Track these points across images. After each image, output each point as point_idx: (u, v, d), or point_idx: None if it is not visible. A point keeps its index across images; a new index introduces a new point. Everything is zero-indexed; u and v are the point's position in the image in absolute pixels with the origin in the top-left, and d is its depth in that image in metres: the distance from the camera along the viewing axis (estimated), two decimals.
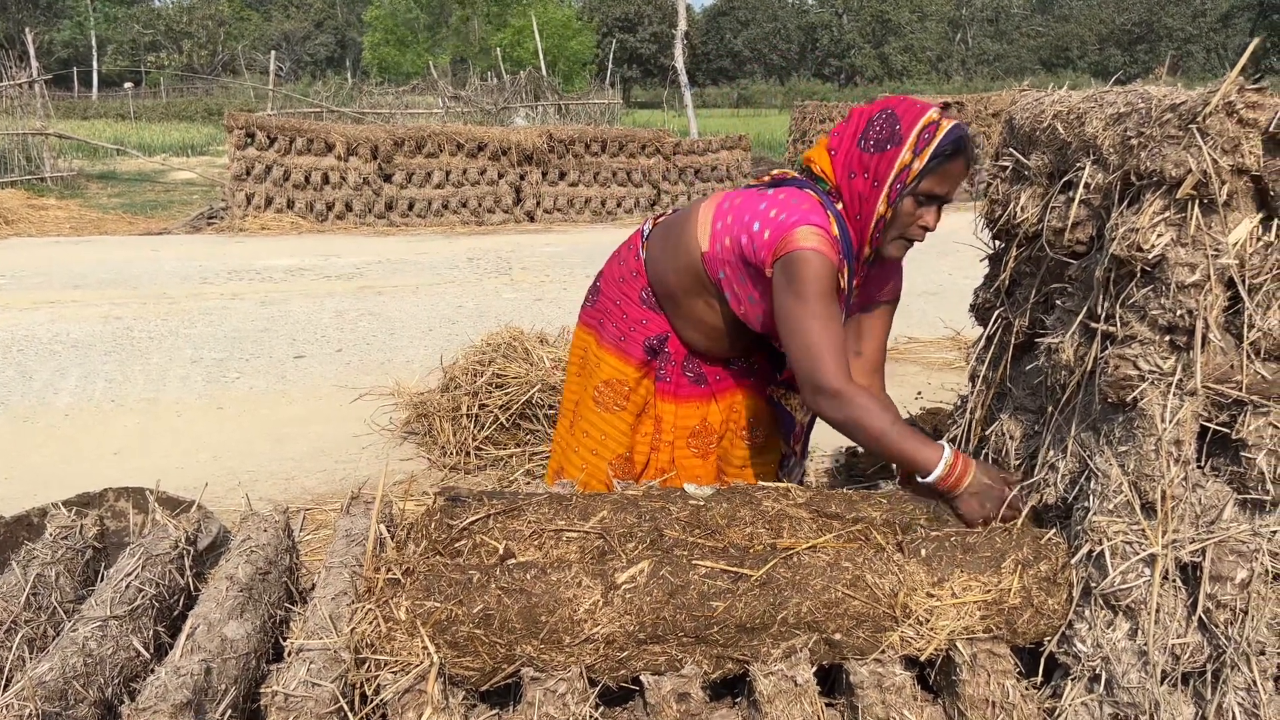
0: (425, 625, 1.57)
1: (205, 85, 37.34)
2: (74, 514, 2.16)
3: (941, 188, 2.02)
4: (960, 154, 1.99)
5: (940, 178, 2.01)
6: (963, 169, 2.01)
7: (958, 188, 2.03)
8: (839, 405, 1.92)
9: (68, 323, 6.15)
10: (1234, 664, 1.56)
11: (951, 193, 2.04)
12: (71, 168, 15.32)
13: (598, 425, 2.38)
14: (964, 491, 1.84)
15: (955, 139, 1.98)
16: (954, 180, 2.02)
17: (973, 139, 2.02)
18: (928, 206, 2.05)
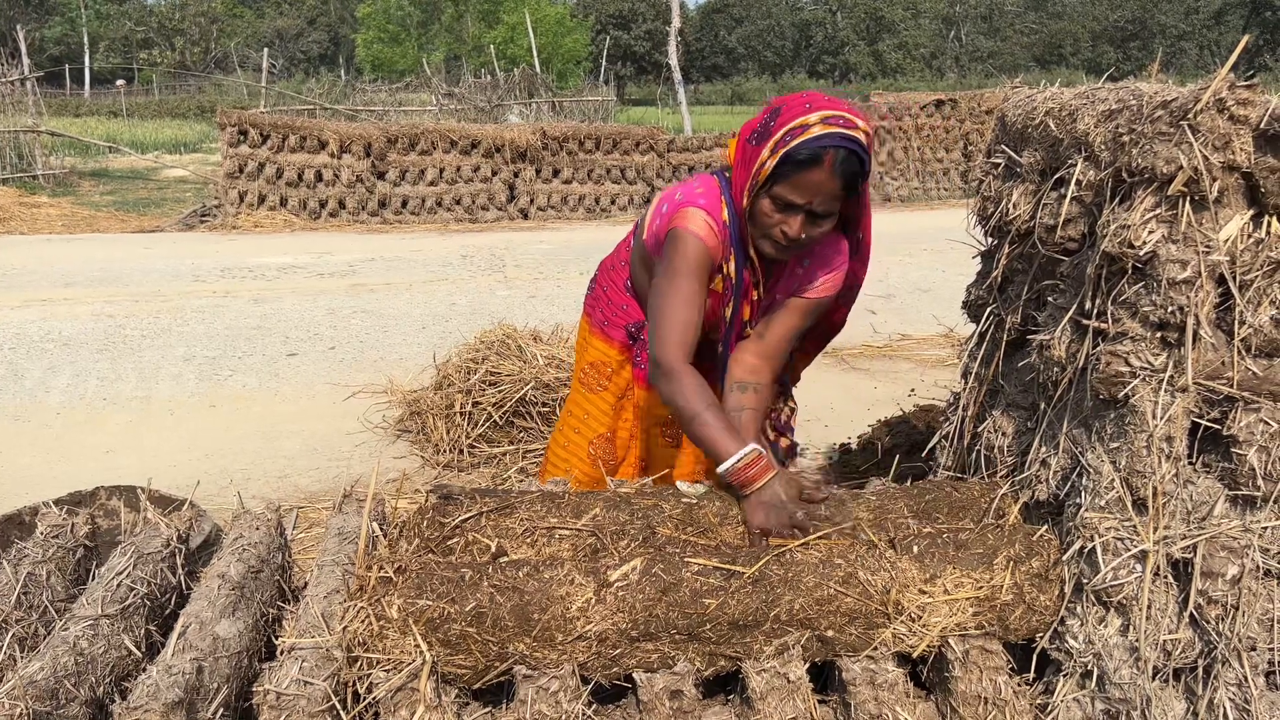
0: (417, 623, 1.56)
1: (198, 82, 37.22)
2: (65, 512, 2.15)
3: (797, 196, 1.86)
4: (816, 164, 1.82)
5: (793, 185, 1.85)
6: (824, 181, 1.83)
7: (827, 202, 1.87)
8: (664, 381, 1.94)
9: (59, 321, 6.12)
10: (1225, 660, 1.57)
11: (815, 204, 1.87)
12: (64, 165, 15.26)
13: (581, 404, 2.45)
14: (752, 495, 1.80)
15: (814, 148, 1.81)
16: (811, 191, 1.85)
17: (857, 154, 1.83)
18: (788, 213, 1.90)
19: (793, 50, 60.73)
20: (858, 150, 1.84)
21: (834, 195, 1.87)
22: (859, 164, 1.85)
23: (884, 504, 1.87)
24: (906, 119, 14.19)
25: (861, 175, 1.88)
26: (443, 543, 1.76)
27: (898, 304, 6.83)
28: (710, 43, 60.31)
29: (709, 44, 60.28)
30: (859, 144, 1.84)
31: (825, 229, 1.94)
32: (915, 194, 14.22)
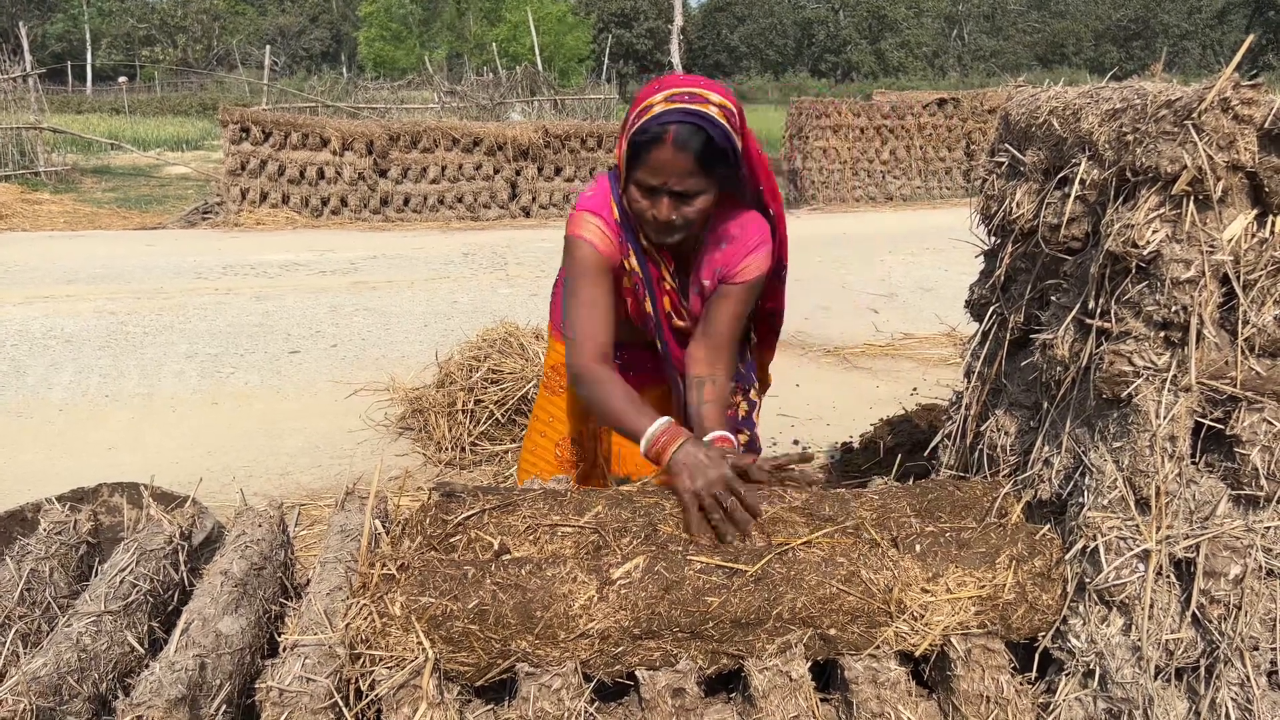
0: (420, 620, 1.56)
1: (200, 80, 37.22)
2: (68, 509, 2.15)
3: (651, 177, 1.85)
4: (659, 143, 1.80)
5: (646, 168, 1.84)
6: (669, 159, 1.81)
7: (681, 179, 1.83)
8: (580, 386, 1.99)
9: (62, 318, 6.13)
10: (1227, 659, 1.57)
11: (670, 182, 1.84)
12: (66, 162, 15.27)
13: (545, 408, 2.45)
14: (671, 461, 1.80)
15: (655, 126, 1.80)
16: (661, 170, 1.82)
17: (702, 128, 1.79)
18: (652, 197, 1.89)
19: (795, 49, 60.69)
20: (702, 124, 1.80)
21: (686, 171, 1.82)
22: (706, 138, 1.80)
23: (886, 503, 1.87)
24: (909, 118, 14.18)
25: (716, 149, 1.82)
26: (445, 540, 1.76)
27: (900, 303, 6.83)
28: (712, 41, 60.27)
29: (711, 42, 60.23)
30: (703, 117, 1.80)
31: (699, 207, 1.89)
32: (917, 193, 14.22)
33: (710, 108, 1.82)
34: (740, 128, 1.92)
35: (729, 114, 1.85)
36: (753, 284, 2.07)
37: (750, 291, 2.09)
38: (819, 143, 13.84)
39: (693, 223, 1.93)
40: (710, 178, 1.86)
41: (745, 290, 2.07)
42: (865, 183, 14.05)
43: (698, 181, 1.85)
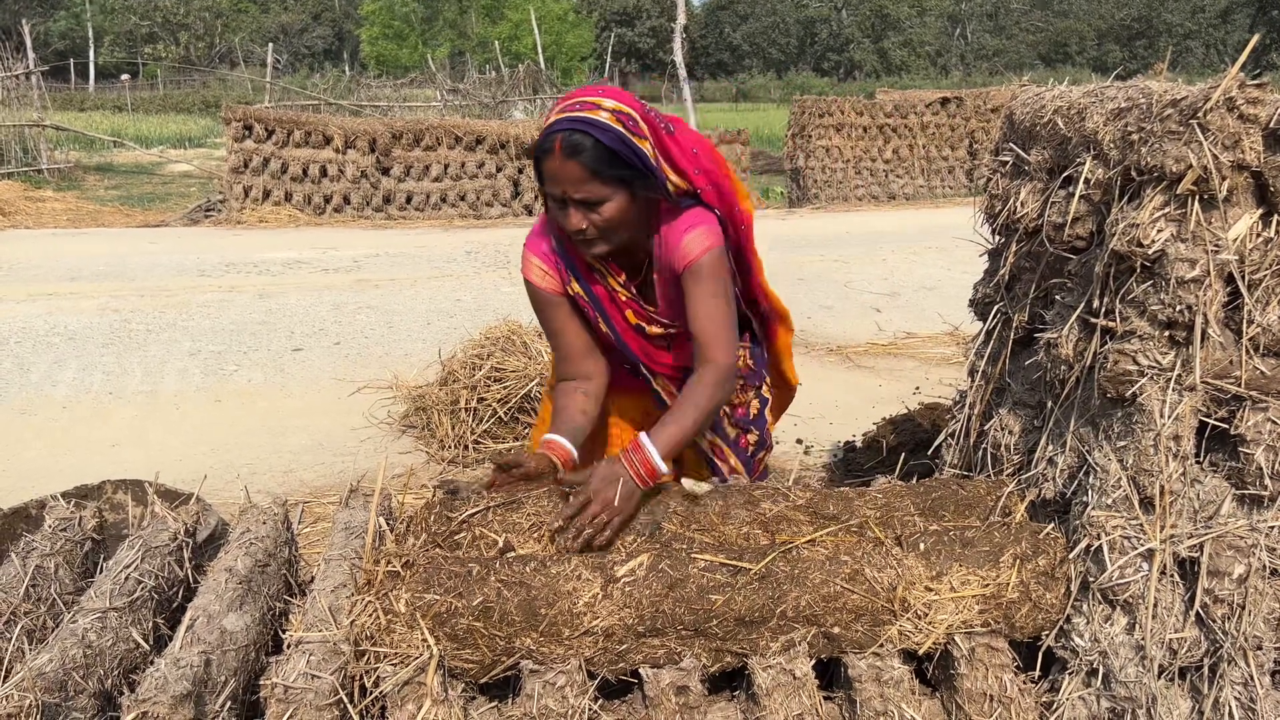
0: (425, 617, 1.57)
1: (203, 77, 37.21)
2: (72, 506, 2.15)
3: (553, 188, 1.87)
4: (549, 153, 1.83)
5: (547, 180, 1.88)
6: (559, 167, 1.83)
7: (577, 186, 1.83)
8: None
9: (65, 315, 6.14)
10: (1231, 659, 1.57)
11: (567, 191, 1.85)
12: (68, 160, 15.29)
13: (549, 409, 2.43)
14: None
15: (544, 138, 1.84)
16: (559, 180, 1.84)
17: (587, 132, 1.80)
18: (561, 210, 1.91)
19: (797, 47, 60.64)
20: (588, 129, 1.80)
21: (578, 178, 1.82)
22: (594, 142, 1.80)
23: (890, 501, 1.87)
24: (912, 116, 14.18)
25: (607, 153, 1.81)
26: (450, 537, 1.76)
27: (903, 302, 6.83)
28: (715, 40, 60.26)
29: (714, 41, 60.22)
30: (589, 122, 1.80)
31: (608, 214, 1.87)
32: (920, 192, 14.21)
33: (601, 113, 1.83)
34: (650, 130, 1.89)
35: (624, 117, 1.85)
36: (702, 262, 1.97)
37: (704, 270, 1.98)
38: (821, 141, 13.83)
39: (610, 231, 1.91)
40: (610, 182, 1.84)
41: (697, 271, 1.98)
42: (868, 181, 14.04)
43: (596, 187, 1.84)
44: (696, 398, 1.92)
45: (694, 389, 1.94)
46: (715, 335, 1.97)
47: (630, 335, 2.13)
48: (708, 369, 1.95)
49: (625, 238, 1.96)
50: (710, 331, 1.97)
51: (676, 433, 1.86)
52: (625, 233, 1.95)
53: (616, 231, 1.92)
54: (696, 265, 1.98)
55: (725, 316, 2.00)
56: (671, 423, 1.88)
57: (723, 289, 2.01)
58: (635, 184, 1.88)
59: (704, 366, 1.96)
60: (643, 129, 1.87)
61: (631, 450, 1.82)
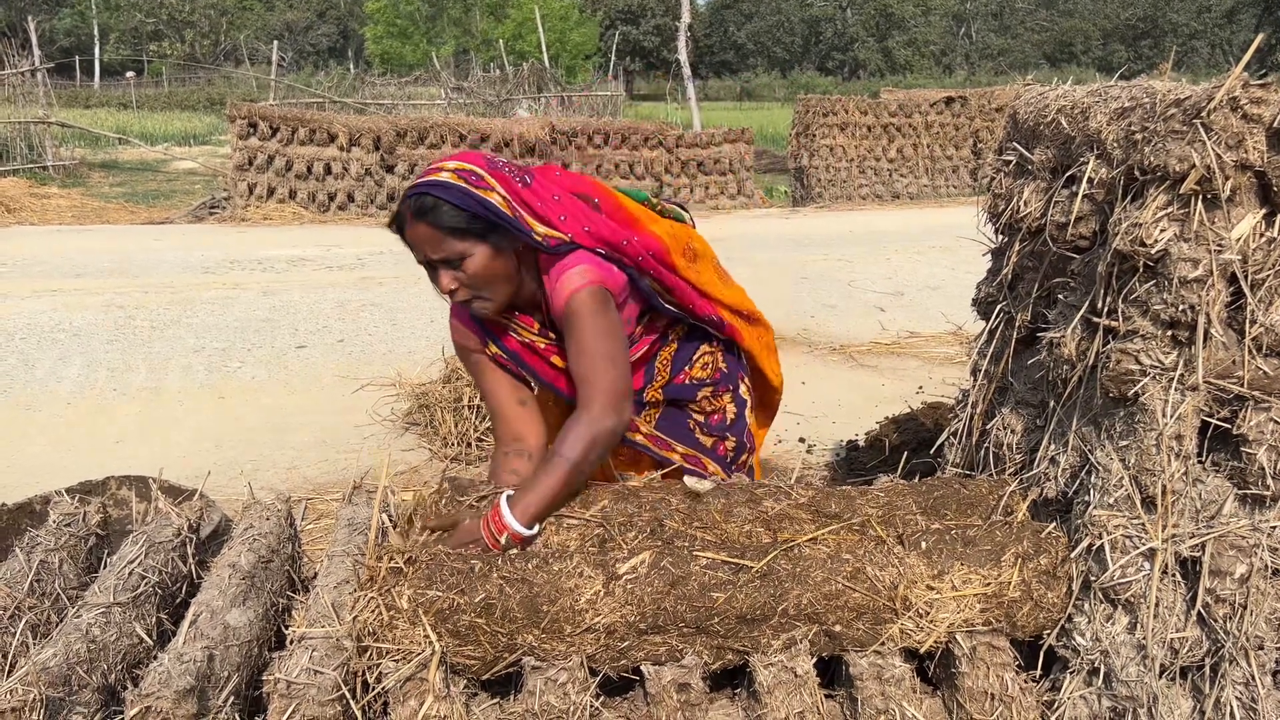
0: (427, 614, 1.57)
1: (207, 75, 37.24)
2: (77, 502, 2.16)
3: (417, 254, 1.92)
4: (403, 225, 1.89)
5: (411, 249, 1.92)
6: (415, 233, 1.87)
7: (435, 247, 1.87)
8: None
9: (70, 311, 6.15)
10: (1232, 658, 1.57)
11: (429, 254, 1.89)
12: (74, 157, 15.32)
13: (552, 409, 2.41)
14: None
15: (398, 214, 1.90)
16: (418, 245, 1.89)
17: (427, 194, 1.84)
18: (433, 274, 1.93)
19: (802, 46, 60.58)
20: (430, 190, 1.84)
21: (432, 239, 1.86)
22: (436, 202, 1.83)
23: (892, 500, 1.87)
24: (916, 116, 14.16)
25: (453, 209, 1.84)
26: None
27: (906, 301, 6.83)
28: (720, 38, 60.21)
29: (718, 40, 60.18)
30: (431, 184, 1.85)
31: (474, 270, 1.88)
32: (924, 191, 14.20)
33: (443, 174, 1.87)
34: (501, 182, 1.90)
35: (465, 174, 1.87)
36: (574, 303, 1.92)
37: (578, 310, 1.92)
38: (826, 140, 13.83)
39: (481, 285, 1.90)
40: (464, 237, 1.86)
41: (571, 312, 1.92)
42: (872, 181, 14.04)
43: (453, 244, 1.86)
44: (564, 448, 1.79)
45: (563, 439, 1.81)
46: (590, 379, 1.86)
47: (561, 380, 2.09)
48: (578, 415, 1.84)
49: (507, 291, 1.95)
50: (585, 375, 1.87)
51: (544, 493, 1.75)
52: (502, 286, 1.93)
53: (490, 285, 1.91)
54: (569, 306, 1.92)
55: (602, 355, 1.88)
56: (536, 483, 1.77)
57: (595, 325, 1.91)
58: (490, 236, 1.88)
59: (578, 414, 1.84)
60: (488, 181, 1.89)
61: (491, 514, 1.74)
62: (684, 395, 2.24)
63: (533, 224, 1.93)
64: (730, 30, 60.10)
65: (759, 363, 2.39)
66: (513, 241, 1.92)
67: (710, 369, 2.27)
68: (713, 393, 2.27)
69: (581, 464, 1.79)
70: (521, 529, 1.72)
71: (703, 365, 2.27)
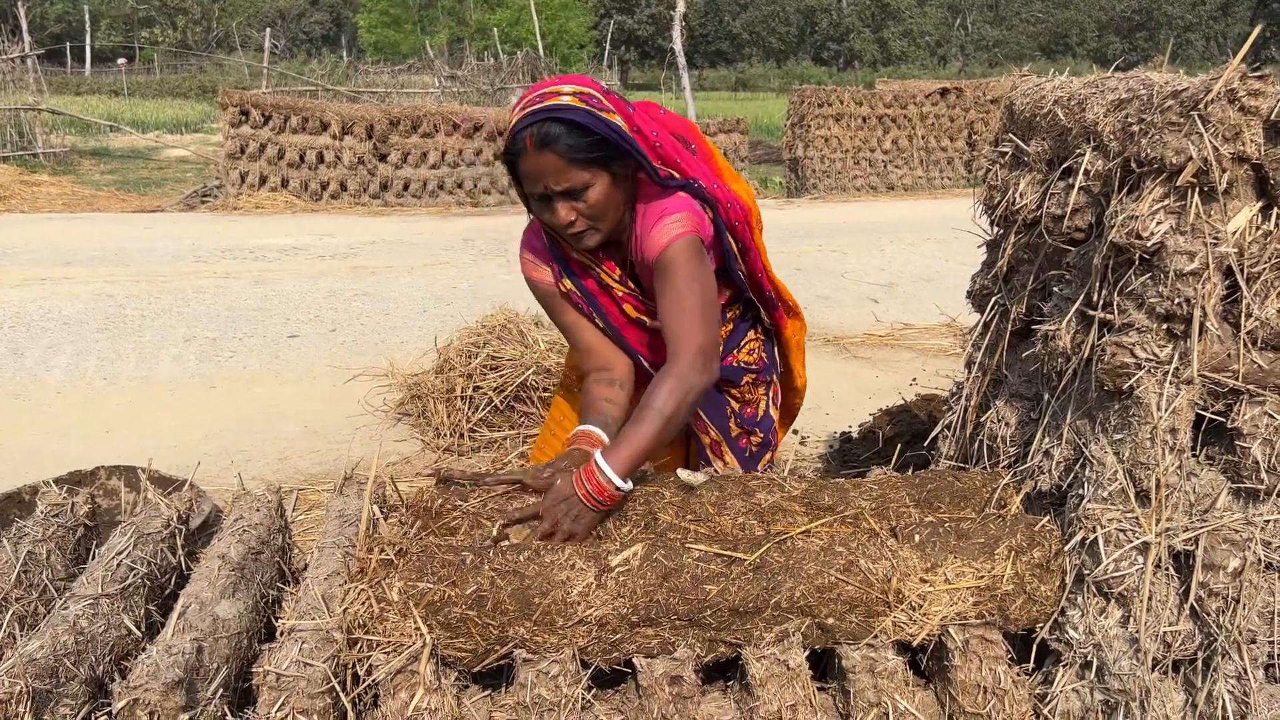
0: (418, 606, 1.56)
1: (199, 62, 37.02)
2: (65, 492, 2.14)
3: (533, 186, 1.83)
4: (522, 153, 1.79)
5: (525, 180, 1.83)
6: (535, 162, 1.78)
7: (558, 178, 1.78)
8: None
9: (60, 300, 6.11)
10: (1225, 652, 1.57)
11: (549, 185, 1.80)
12: (64, 144, 15.23)
13: (560, 406, 2.43)
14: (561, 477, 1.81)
15: (514, 140, 1.79)
16: (535, 177, 1.80)
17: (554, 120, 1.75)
18: (544, 206, 1.86)
19: (797, 36, 60.43)
20: (554, 115, 1.75)
21: (556, 169, 1.77)
22: (565, 127, 1.75)
23: (886, 493, 1.87)
24: (911, 107, 14.14)
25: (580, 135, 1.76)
26: (445, 526, 1.76)
27: (900, 293, 6.82)
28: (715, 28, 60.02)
29: (713, 29, 59.99)
30: (554, 109, 1.75)
31: (594, 199, 1.81)
32: (919, 183, 14.19)
33: (563, 98, 1.78)
34: (614, 107, 1.84)
35: (587, 97, 1.79)
36: (669, 252, 1.86)
37: (672, 261, 1.86)
38: (821, 131, 13.81)
39: (599, 217, 1.85)
40: (588, 166, 1.79)
41: (665, 262, 1.86)
42: (867, 172, 14.02)
43: (576, 174, 1.78)
44: (655, 401, 1.76)
45: (654, 392, 1.77)
46: (679, 331, 1.82)
47: (629, 330, 2.07)
48: (669, 368, 1.80)
49: (615, 223, 1.90)
50: (674, 327, 1.83)
51: (636, 445, 1.72)
52: (614, 217, 1.88)
53: (605, 218, 1.86)
54: (666, 254, 1.86)
55: (693, 307, 1.84)
56: (628, 436, 1.74)
57: (691, 278, 1.86)
58: (614, 164, 1.82)
59: (667, 365, 1.81)
60: (608, 105, 1.82)
61: (584, 470, 1.71)
62: (731, 378, 2.22)
63: (647, 152, 1.88)
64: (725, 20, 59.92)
65: (790, 359, 2.38)
66: (627, 169, 1.86)
67: (755, 355, 2.26)
68: (753, 381, 2.26)
69: (672, 418, 1.76)
70: (620, 483, 1.71)
71: (749, 351, 2.25)
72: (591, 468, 1.71)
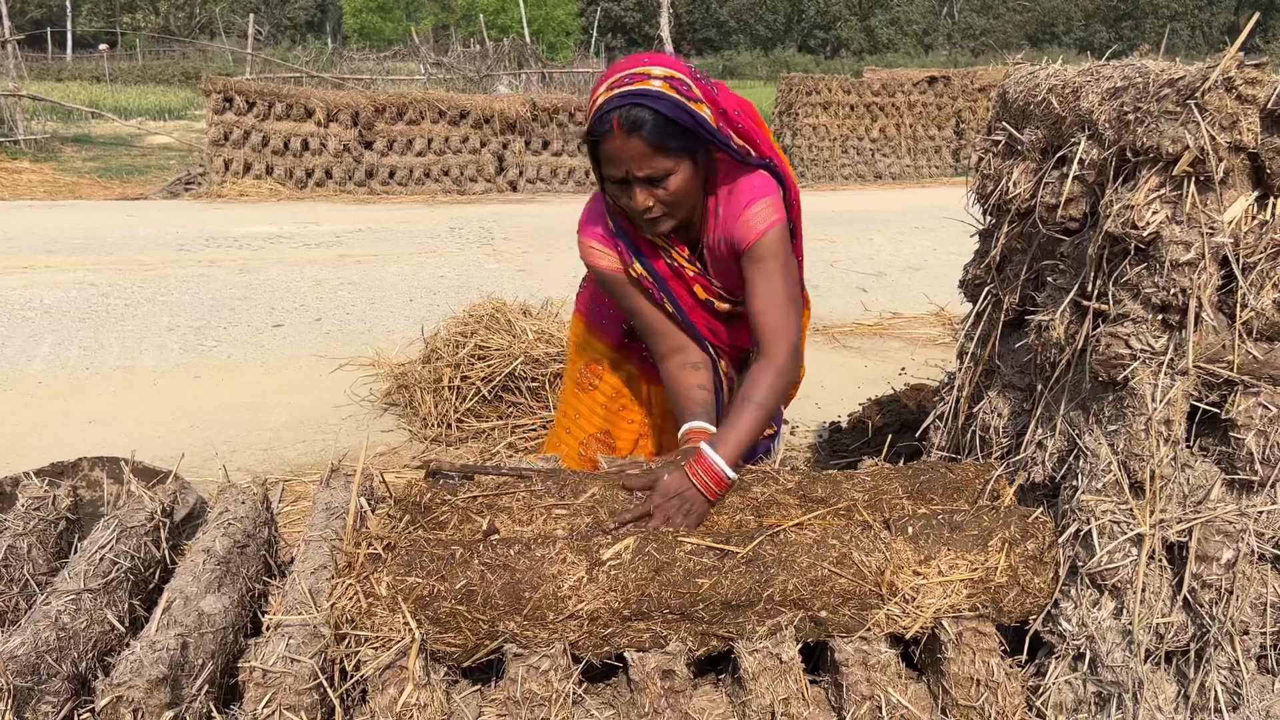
0: (407, 601, 1.54)
1: (182, 48, 36.63)
2: (47, 484, 2.11)
3: (615, 170, 1.81)
4: (608, 135, 1.76)
5: (607, 163, 1.81)
6: (620, 146, 1.76)
7: (641, 163, 1.77)
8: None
9: (41, 288, 6.04)
10: (1217, 643, 1.56)
11: (631, 170, 1.79)
12: (45, 130, 15.04)
13: (573, 405, 2.41)
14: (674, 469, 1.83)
15: (600, 120, 1.77)
16: (621, 160, 1.78)
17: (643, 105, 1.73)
18: (624, 190, 1.84)
19: (784, 24, 60.32)
20: (644, 102, 1.73)
21: (641, 154, 1.76)
22: (654, 114, 1.74)
23: (878, 484, 1.85)
24: (899, 95, 14.13)
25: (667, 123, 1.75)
26: (434, 519, 1.74)
27: (889, 282, 6.82)
28: (702, 15, 59.84)
29: (700, 17, 59.80)
30: (644, 95, 1.74)
31: (674, 187, 1.82)
32: (907, 171, 14.19)
33: (653, 82, 1.76)
34: (702, 93, 1.82)
35: (677, 83, 1.78)
36: (764, 241, 1.90)
37: (766, 250, 1.90)
38: (808, 120, 13.78)
39: (677, 205, 1.86)
40: (673, 154, 1.78)
41: (759, 251, 1.90)
42: (854, 160, 14.01)
43: (660, 162, 1.78)
44: (757, 394, 1.83)
45: (754, 385, 1.84)
46: (776, 325, 1.88)
47: (697, 313, 2.08)
48: (768, 362, 1.87)
49: (691, 208, 1.91)
50: (771, 321, 1.88)
51: (742, 436, 1.79)
52: (690, 205, 1.90)
53: (682, 205, 1.87)
54: (758, 245, 1.89)
55: (787, 300, 1.91)
56: (734, 426, 1.80)
57: (785, 269, 1.92)
58: (698, 152, 1.83)
59: (764, 359, 1.87)
60: (697, 93, 1.81)
61: (696, 462, 1.75)
62: None
63: (731, 135, 1.89)
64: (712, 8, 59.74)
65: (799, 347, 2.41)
66: (708, 155, 1.87)
67: None
68: None
69: (772, 410, 1.85)
70: (731, 473, 1.76)
71: None
72: (705, 461, 1.75)
